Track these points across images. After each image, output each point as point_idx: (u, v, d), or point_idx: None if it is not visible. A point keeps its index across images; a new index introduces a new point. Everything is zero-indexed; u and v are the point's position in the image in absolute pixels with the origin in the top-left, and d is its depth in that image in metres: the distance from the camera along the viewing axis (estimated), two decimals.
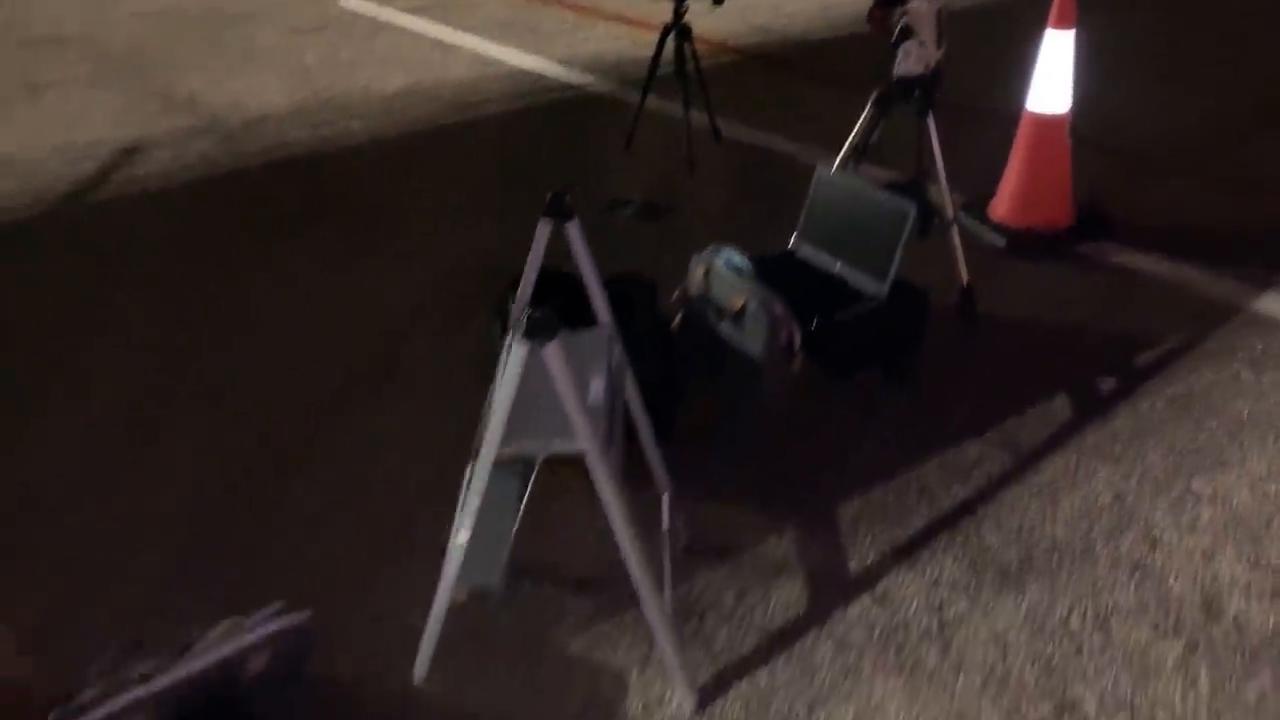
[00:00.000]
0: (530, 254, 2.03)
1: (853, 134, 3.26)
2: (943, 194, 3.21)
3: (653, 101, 4.37)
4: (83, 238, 3.87)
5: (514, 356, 1.67)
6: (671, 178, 4.25)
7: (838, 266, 3.04)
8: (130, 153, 4.53)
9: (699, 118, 4.38)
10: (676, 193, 4.14)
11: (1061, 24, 3.50)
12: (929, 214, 3.26)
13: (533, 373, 1.70)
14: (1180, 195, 4.09)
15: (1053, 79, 3.57)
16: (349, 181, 4.34)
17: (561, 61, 5.60)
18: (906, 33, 3.01)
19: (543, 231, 2.00)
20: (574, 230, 2.00)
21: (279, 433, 2.79)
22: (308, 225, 3.95)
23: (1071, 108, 3.63)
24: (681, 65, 4.20)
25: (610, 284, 2.91)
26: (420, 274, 3.59)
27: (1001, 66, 4.40)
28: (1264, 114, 4.91)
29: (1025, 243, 3.65)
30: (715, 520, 2.47)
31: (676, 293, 3.04)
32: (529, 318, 1.65)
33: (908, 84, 3.14)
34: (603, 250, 3.69)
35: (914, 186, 3.37)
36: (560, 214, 1.98)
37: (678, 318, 3.02)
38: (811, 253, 3.13)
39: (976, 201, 3.88)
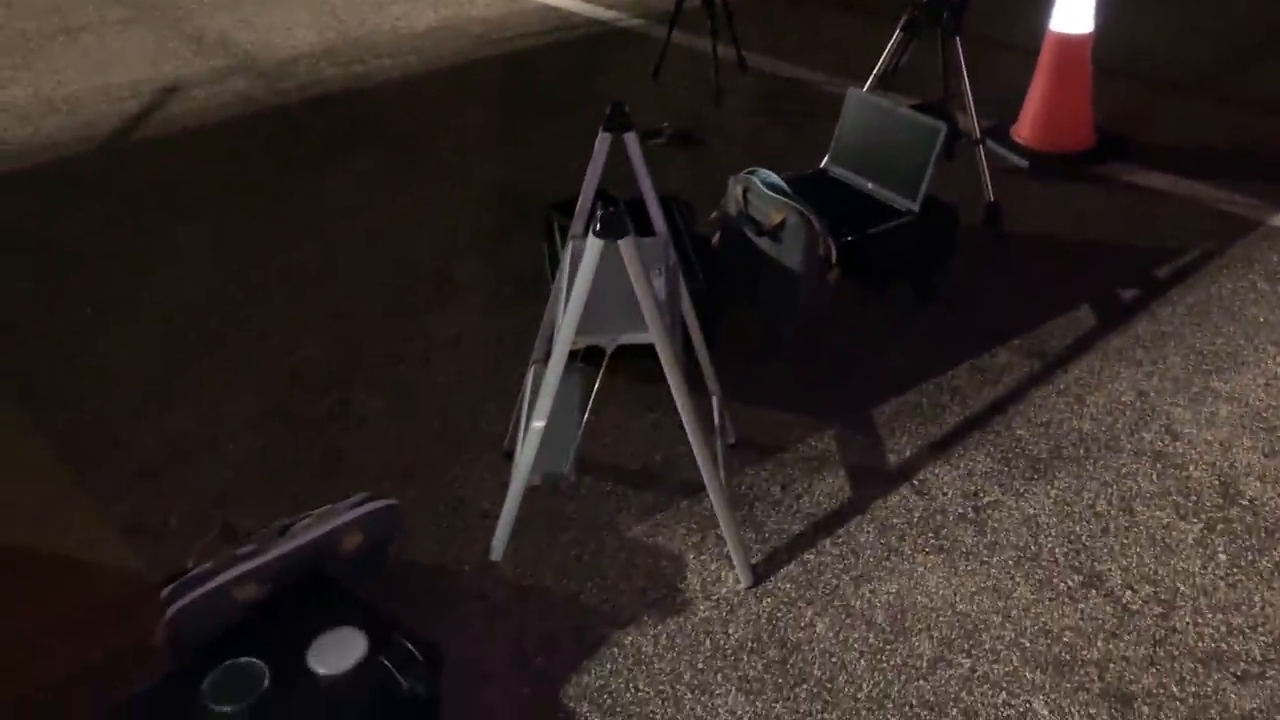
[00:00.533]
0: (590, 165, 2.16)
1: (883, 56, 3.36)
2: (969, 114, 3.32)
3: (679, 36, 4.48)
4: (133, 172, 4.00)
5: (590, 250, 1.81)
6: (700, 107, 4.36)
7: (870, 185, 3.17)
8: (170, 91, 4.65)
9: (725, 50, 4.48)
10: (705, 122, 4.25)
11: None
12: (955, 135, 3.38)
13: (600, 271, 1.84)
14: (1198, 117, 4.19)
15: (1074, 1, 3.66)
16: (385, 114, 4.46)
17: None
18: None
19: (603, 143, 2.13)
20: (631, 141, 2.12)
21: (335, 347, 2.94)
22: (349, 155, 4.07)
23: (1093, 30, 3.72)
24: None
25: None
26: (461, 198, 3.73)
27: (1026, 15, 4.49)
28: (1275, 39, 4.99)
29: (1048, 164, 3.76)
30: (760, 421, 2.62)
31: (714, 213, 3.17)
32: (603, 216, 1.78)
33: (936, 6, 3.24)
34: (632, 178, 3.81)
35: (941, 108, 3.48)
36: (620, 126, 2.10)
37: (716, 235, 3.16)
38: (844, 173, 3.25)
39: (1001, 126, 3.99)
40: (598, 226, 1.80)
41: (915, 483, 2.43)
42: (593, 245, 1.81)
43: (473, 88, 4.69)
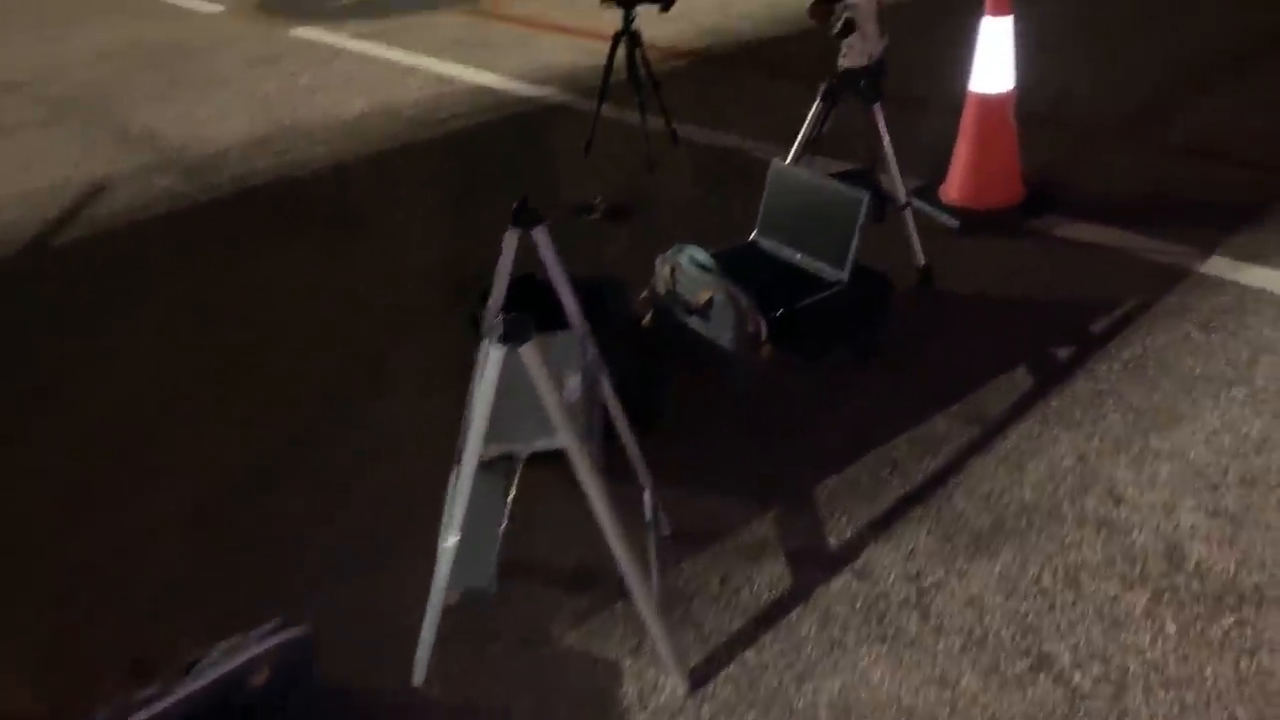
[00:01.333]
0: (499, 262, 2.10)
1: (804, 126, 3.35)
2: (894, 179, 3.31)
3: (610, 110, 4.47)
4: (59, 273, 3.91)
5: (491, 360, 1.74)
6: (633, 180, 4.33)
7: (798, 256, 3.13)
8: (94, 192, 4.56)
9: (655, 121, 4.47)
10: (639, 194, 4.22)
11: (997, 11, 3.61)
12: (883, 200, 3.37)
13: (511, 375, 1.78)
14: (1124, 164, 4.21)
15: (994, 61, 3.68)
16: (319, 201, 4.40)
17: (516, 75, 5.67)
18: (849, 26, 3.10)
19: (510, 240, 2.07)
20: (541, 235, 2.07)
21: (267, 443, 2.85)
22: (282, 243, 4.02)
23: (1014, 88, 3.74)
24: (634, 71, 4.29)
25: (581, 286, 3.00)
26: (396, 282, 3.67)
27: (947, 53, 4.51)
28: (1198, 82, 5.05)
29: (978, 222, 3.76)
30: (696, 509, 2.54)
31: (645, 292, 3.12)
32: (504, 322, 1.72)
33: (854, 75, 3.23)
34: (573, 253, 3.78)
35: (866, 174, 3.47)
36: (526, 221, 2.04)
37: (648, 315, 3.11)
38: (772, 245, 3.22)
39: (929, 185, 3.99)
40: (500, 333, 1.74)
41: (857, 567, 2.36)
42: (494, 353, 1.75)
43: (406, 170, 4.65)
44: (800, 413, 2.90)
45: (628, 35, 4.27)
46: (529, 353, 1.72)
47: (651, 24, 4.37)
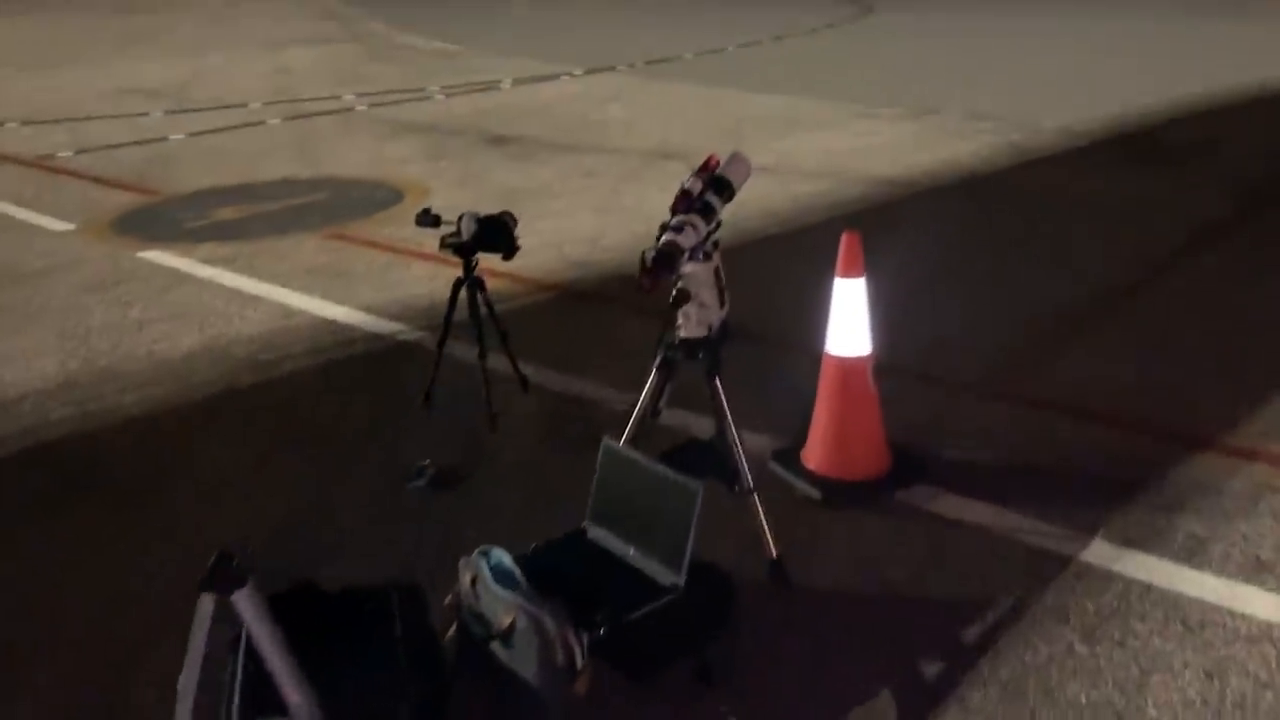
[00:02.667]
0: (191, 636, 1.64)
1: (640, 400, 3.00)
2: (740, 461, 2.95)
3: (461, 350, 4.09)
4: None
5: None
6: (473, 436, 3.93)
7: (631, 552, 2.73)
8: None
9: (505, 365, 4.12)
10: (478, 454, 3.81)
11: (849, 273, 3.39)
12: (730, 479, 3.01)
13: None
14: (996, 426, 3.94)
15: (849, 324, 3.43)
16: (116, 462, 3.89)
17: (369, 309, 5.33)
18: (683, 296, 2.81)
19: (205, 609, 1.61)
20: (245, 601, 1.62)
21: None
22: (62, 514, 3.48)
23: (873, 352, 3.48)
24: (476, 318, 3.95)
25: (366, 596, 2.54)
26: (185, 565, 3.13)
27: (806, 303, 4.30)
28: (1068, 328, 4.92)
29: (840, 494, 3.42)
30: None
31: (449, 596, 2.66)
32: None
33: (691, 346, 2.93)
34: (388, 529, 3.32)
35: (711, 446, 3.13)
36: (226, 585, 1.60)
37: (452, 629, 2.64)
38: (603, 536, 2.82)
39: (792, 447, 3.66)
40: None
41: None
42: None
43: (223, 422, 4.18)
44: None
45: (469, 280, 3.96)
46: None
47: (517, 254, 4.06)
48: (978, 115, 9.64)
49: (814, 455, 3.54)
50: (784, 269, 5.73)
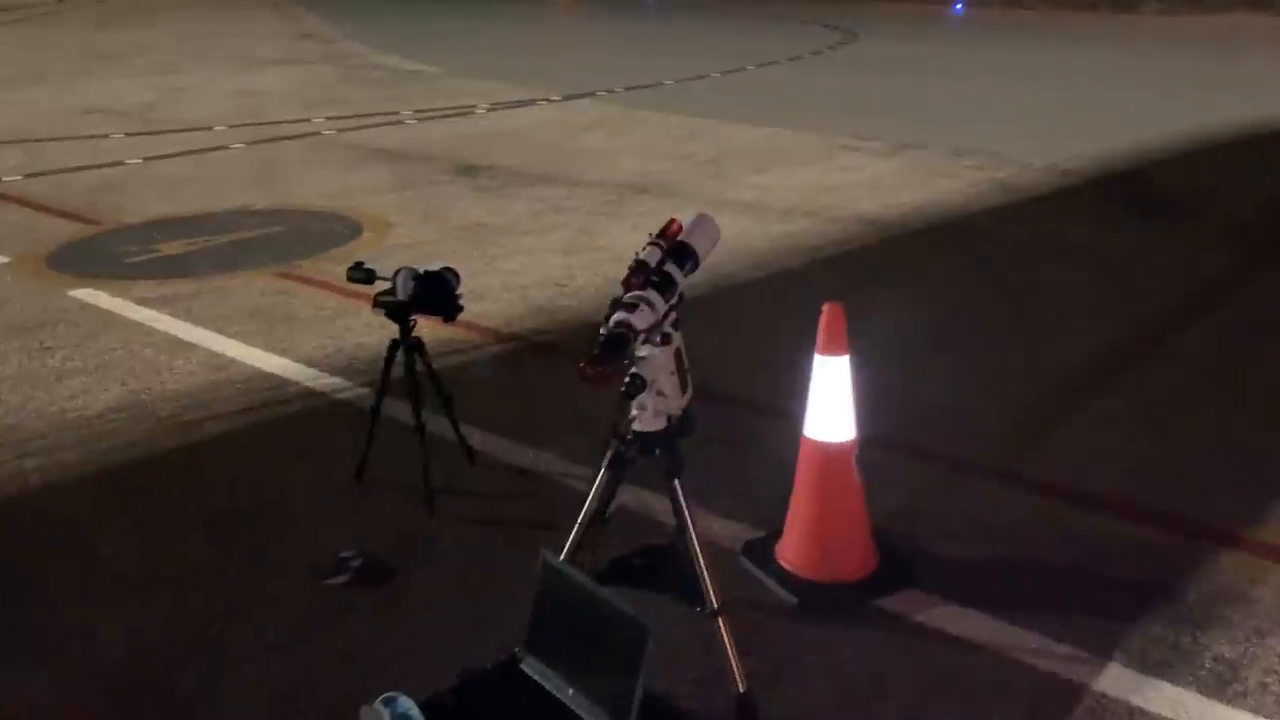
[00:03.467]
0: None
1: (585, 505, 2.59)
2: (703, 578, 2.53)
3: (402, 411, 3.64)
4: None
5: None
6: (408, 519, 3.51)
7: (570, 693, 2.30)
8: None
9: (451, 431, 3.71)
10: (410, 543, 3.39)
11: (830, 349, 2.99)
12: (694, 591, 2.59)
13: None
14: (998, 510, 3.54)
15: (830, 405, 3.03)
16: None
17: (309, 360, 4.90)
18: (637, 385, 2.39)
19: None
20: None
21: None
22: None
23: (856, 437, 3.07)
24: (414, 384, 3.53)
25: None
26: (68, 683, 2.70)
27: (786, 361, 3.90)
28: (1071, 398, 4.54)
29: (819, 597, 3.01)
30: None
31: None
32: None
33: (647, 442, 2.52)
34: (296, 638, 2.87)
35: (673, 550, 2.72)
36: None
37: None
38: (539, 669, 2.39)
39: (767, 538, 3.26)
40: None
41: None
42: None
43: (129, 498, 3.74)
44: None
45: (405, 344, 3.54)
46: None
47: (477, 298, 3.64)
48: (963, 151, 9.30)
49: (790, 550, 3.14)
50: (762, 320, 5.34)
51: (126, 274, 6.31)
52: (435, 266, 3.49)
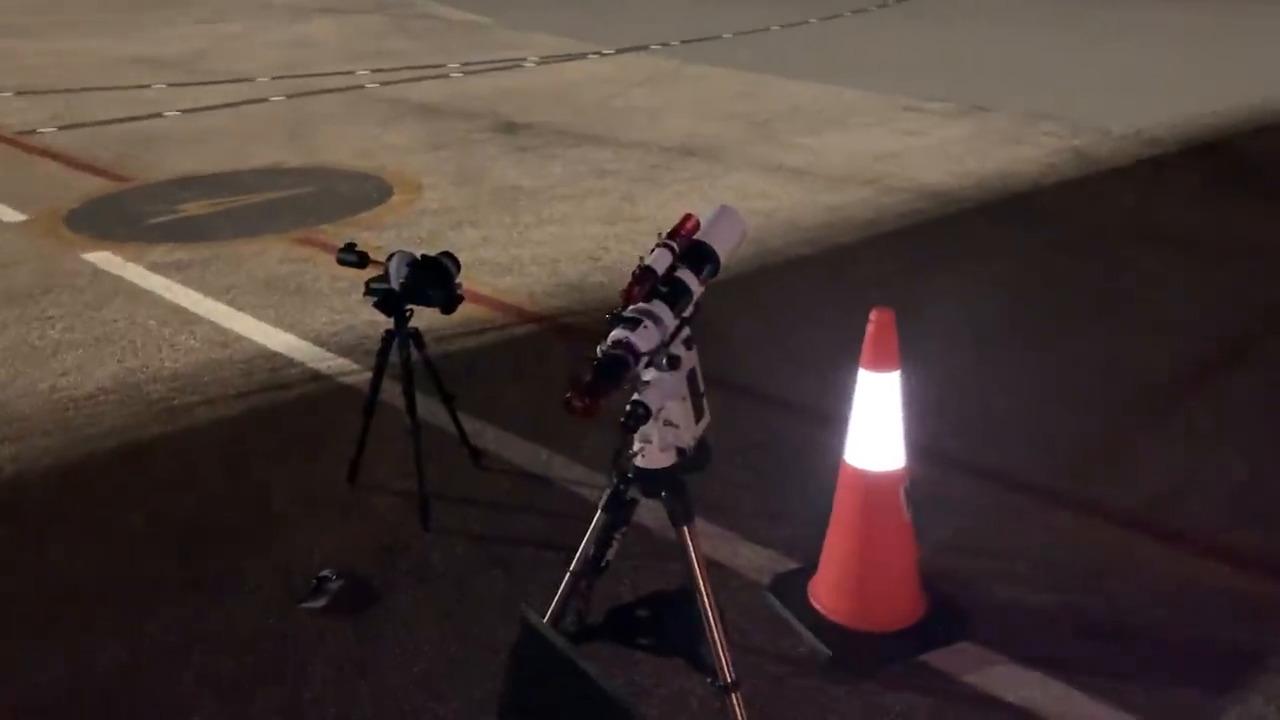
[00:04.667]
0: None
1: (578, 553, 2.20)
2: (715, 647, 2.14)
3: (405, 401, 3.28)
4: None
5: None
6: (400, 533, 3.16)
7: None
8: None
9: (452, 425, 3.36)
10: (399, 563, 3.03)
11: (878, 364, 2.55)
12: (707, 658, 2.20)
13: None
14: (1067, 547, 3.06)
15: (876, 429, 2.60)
16: None
17: (317, 339, 4.56)
18: (640, 415, 1.98)
19: None
20: None
21: None
22: None
23: (906, 465, 2.64)
24: (409, 383, 3.15)
25: None
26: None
27: (834, 354, 3.47)
28: (1159, 414, 4.03)
29: (857, 650, 2.60)
30: None
31: None
32: None
33: (651, 480, 2.12)
34: (258, 678, 2.55)
35: (683, 599, 2.33)
36: None
37: None
38: None
39: (799, 572, 2.86)
40: None
41: None
42: None
43: (99, 500, 3.41)
44: None
45: (401, 335, 3.17)
46: None
47: (493, 271, 3.24)
48: (1036, 114, 8.65)
49: (824, 591, 2.73)
50: (811, 307, 4.87)
51: (144, 237, 6.01)
52: (434, 252, 3.11)
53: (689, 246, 2.10)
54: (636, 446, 2.10)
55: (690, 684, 2.43)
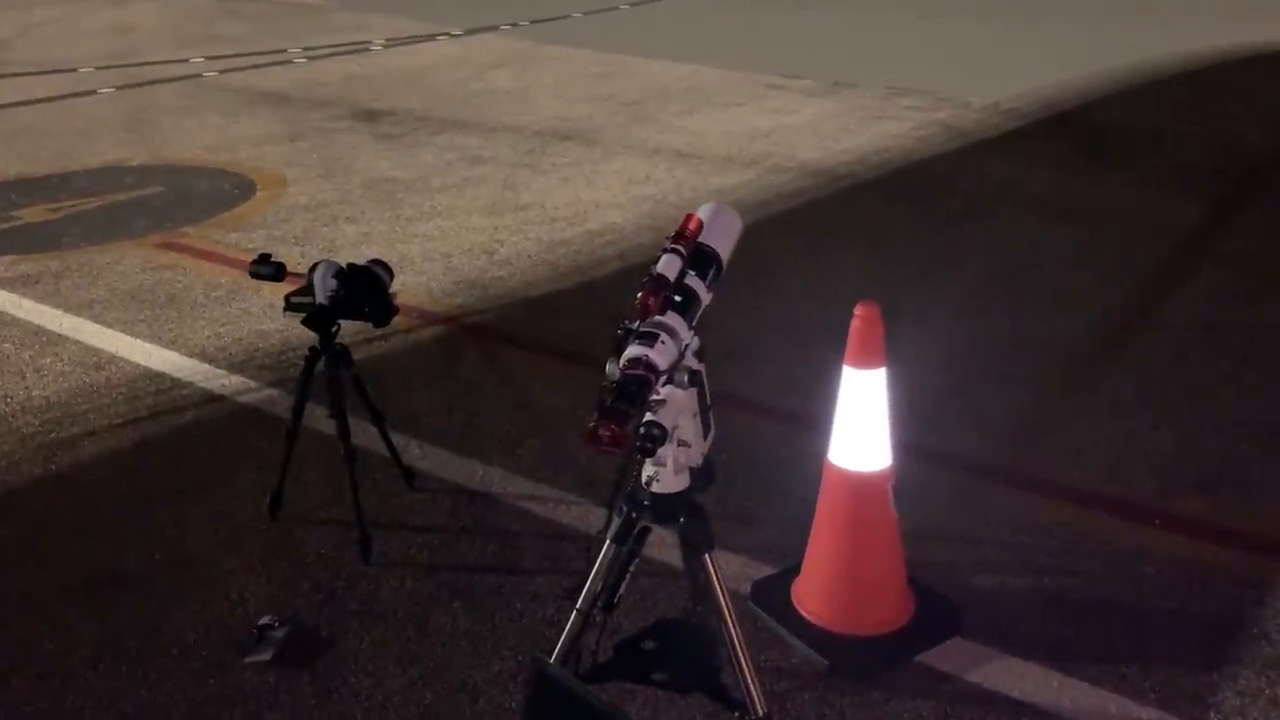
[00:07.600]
0: None
1: (585, 589, 2.02)
2: (745, 680, 2.00)
3: (327, 423, 2.98)
4: None
5: None
6: (339, 569, 2.90)
7: None
8: None
9: (376, 443, 3.10)
10: (346, 602, 2.78)
11: (863, 361, 2.45)
12: (725, 688, 2.07)
13: None
14: (1033, 525, 3.06)
15: (861, 427, 2.50)
16: None
17: (204, 354, 4.18)
18: (656, 436, 1.81)
19: None
20: None
21: None
22: None
23: (893, 463, 2.56)
24: (339, 405, 2.87)
25: None
26: None
27: (763, 342, 3.38)
28: (1081, 380, 4.11)
29: (854, 660, 2.51)
30: None
31: None
32: None
33: (666, 506, 1.96)
34: None
35: (691, 628, 2.19)
36: None
37: None
38: None
39: (777, 575, 2.75)
40: None
41: None
42: None
43: None
44: None
45: (329, 354, 2.89)
46: None
47: (395, 270, 2.96)
48: (897, 89, 8.79)
49: (812, 596, 2.63)
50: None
51: None
52: (361, 261, 2.84)
53: (694, 251, 1.94)
54: (650, 471, 1.93)
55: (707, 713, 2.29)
